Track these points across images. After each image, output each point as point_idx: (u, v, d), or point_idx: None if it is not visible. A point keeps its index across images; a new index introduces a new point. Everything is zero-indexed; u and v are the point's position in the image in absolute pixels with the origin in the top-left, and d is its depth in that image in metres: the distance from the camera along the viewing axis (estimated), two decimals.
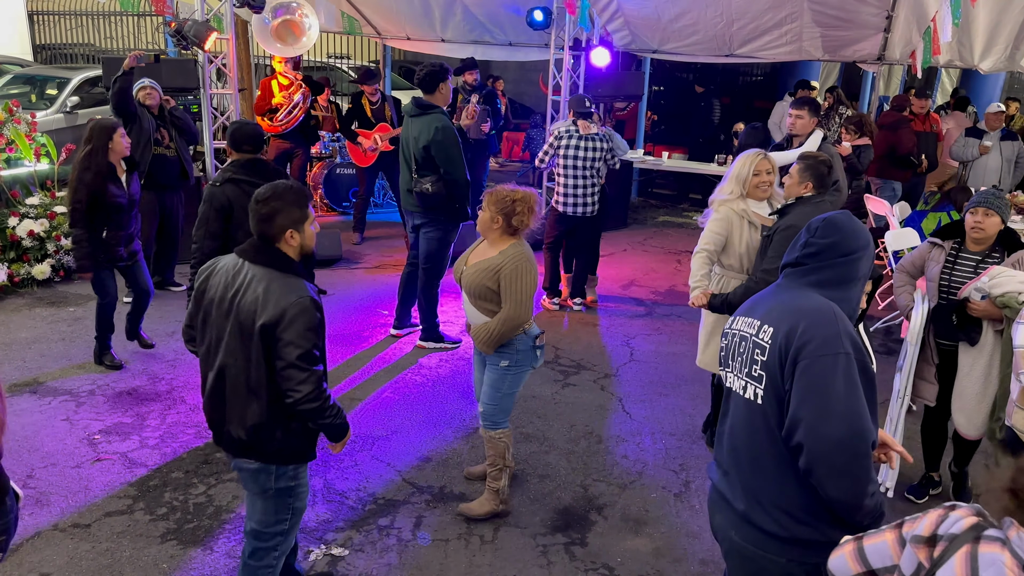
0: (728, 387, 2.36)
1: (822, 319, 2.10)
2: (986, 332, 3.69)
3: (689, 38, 8.61)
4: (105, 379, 5.18)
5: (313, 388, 2.69)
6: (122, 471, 4.17)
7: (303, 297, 2.68)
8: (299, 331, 2.64)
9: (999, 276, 3.49)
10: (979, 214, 3.70)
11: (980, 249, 3.78)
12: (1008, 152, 8.53)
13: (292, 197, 2.77)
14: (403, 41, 10.64)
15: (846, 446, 1.99)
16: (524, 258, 3.57)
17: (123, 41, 15.71)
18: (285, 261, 2.77)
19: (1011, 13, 7.04)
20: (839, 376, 2.02)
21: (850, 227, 2.25)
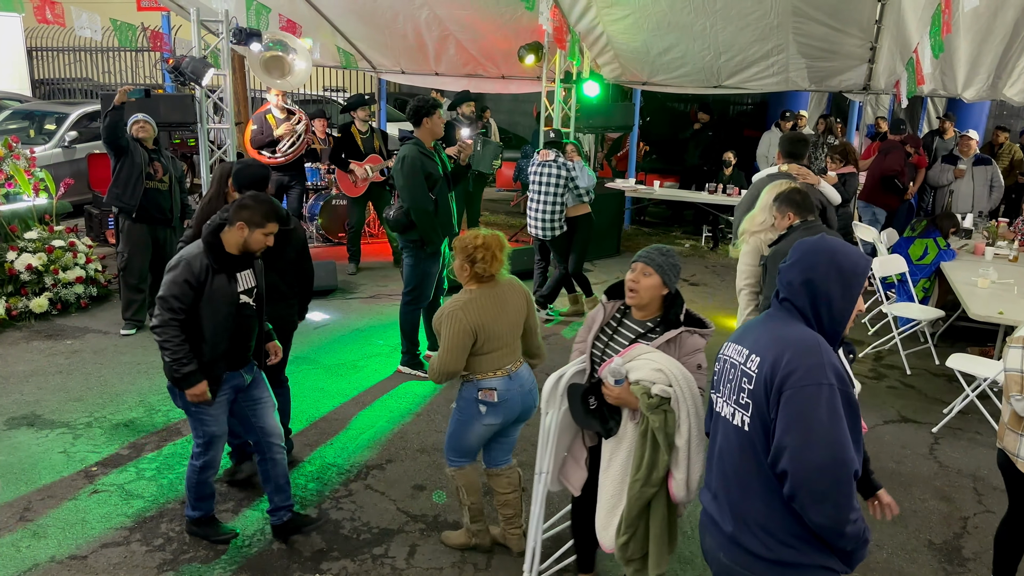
0: (717, 412, 2.40)
1: (806, 350, 2.13)
2: (626, 424, 2.96)
3: (678, 70, 8.78)
4: (102, 411, 5.22)
5: (157, 324, 3.48)
6: (119, 503, 4.20)
7: (182, 259, 3.47)
8: (166, 280, 3.48)
9: (639, 357, 2.89)
10: (636, 271, 3.01)
11: (643, 317, 3.06)
12: (983, 177, 8.68)
13: (264, 209, 3.52)
14: (398, 75, 10.81)
15: (828, 473, 2.04)
16: (460, 306, 3.44)
17: (121, 76, 15.91)
18: (210, 235, 3.50)
19: (991, 43, 7.21)
20: (822, 406, 2.06)
21: (816, 244, 2.24)
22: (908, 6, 6.78)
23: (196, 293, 3.46)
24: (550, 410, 3.20)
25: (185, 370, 3.48)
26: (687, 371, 2.83)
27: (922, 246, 6.88)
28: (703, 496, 2.51)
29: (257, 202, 3.54)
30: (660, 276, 2.97)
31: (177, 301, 3.44)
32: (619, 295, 3.15)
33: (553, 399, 3.18)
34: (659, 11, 7.71)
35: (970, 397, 5.40)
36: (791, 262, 2.27)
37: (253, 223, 3.49)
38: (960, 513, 4.43)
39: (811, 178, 5.44)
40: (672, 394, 2.80)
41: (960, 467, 4.93)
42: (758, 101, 14.91)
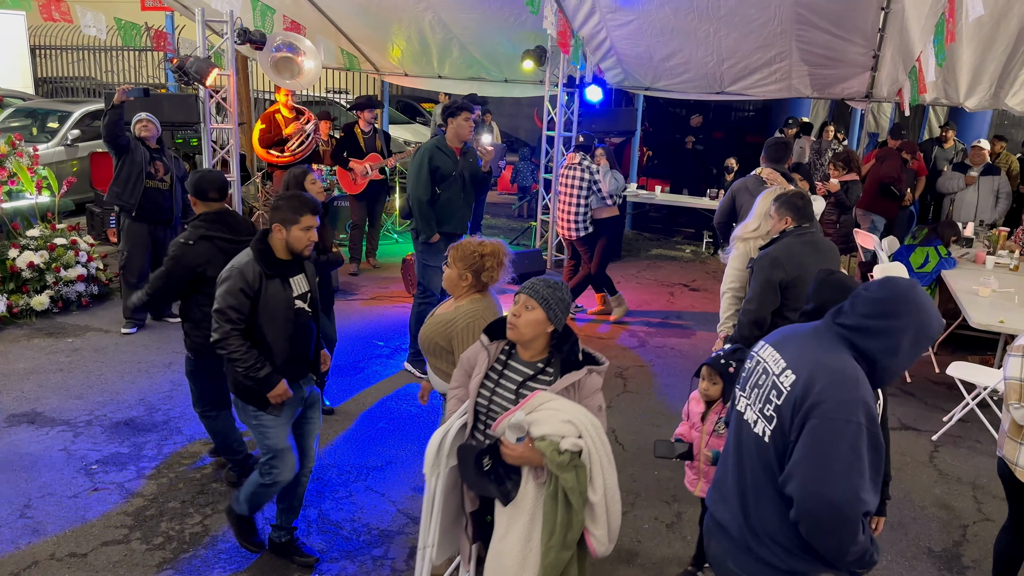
0: (739, 410, 2.36)
1: (843, 382, 2.05)
2: (527, 482, 2.56)
3: (681, 76, 8.79)
4: (103, 409, 5.22)
5: (219, 338, 3.39)
6: (119, 501, 4.20)
7: (234, 268, 3.40)
8: (220, 292, 3.38)
9: (541, 408, 2.52)
10: (518, 303, 2.62)
11: (531, 357, 2.68)
12: (988, 187, 8.71)
13: (293, 203, 3.43)
14: (401, 77, 10.83)
15: (836, 510, 1.99)
16: (479, 315, 3.29)
17: (124, 75, 15.93)
18: (257, 241, 3.44)
19: (994, 53, 7.21)
20: (845, 443, 1.99)
21: (908, 291, 2.10)
22: (911, 15, 6.79)
23: (252, 302, 3.38)
24: (433, 474, 2.75)
25: (262, 373, 3.40)
26: (594, 417, 2.54)
27: (923, 254, 6.89)
28: (711, 497, 2.46)
29: (286, 200, 3.45)
30: (544, 311, 2.60)
31: (235, 311, 3.36)
32: (501, 334, 2.76)
33: (437, 461, 2.74)
34: (663, 17, 7.72)
35: (970, 405, 5.40)
36: (876, 297, 2.12)
37: (287, 221, 3.41)
38: (960, 521, 4.43)
39: (779, 183, 5.50)
40: (584, 447, 2.48)
41: (960, 475, 4.94)
42: (759, 107, 14.94)
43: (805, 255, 4.06)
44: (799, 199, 4.26)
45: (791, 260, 4.05)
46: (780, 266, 4.05)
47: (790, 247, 4.13)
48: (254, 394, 3.45)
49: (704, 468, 3.49)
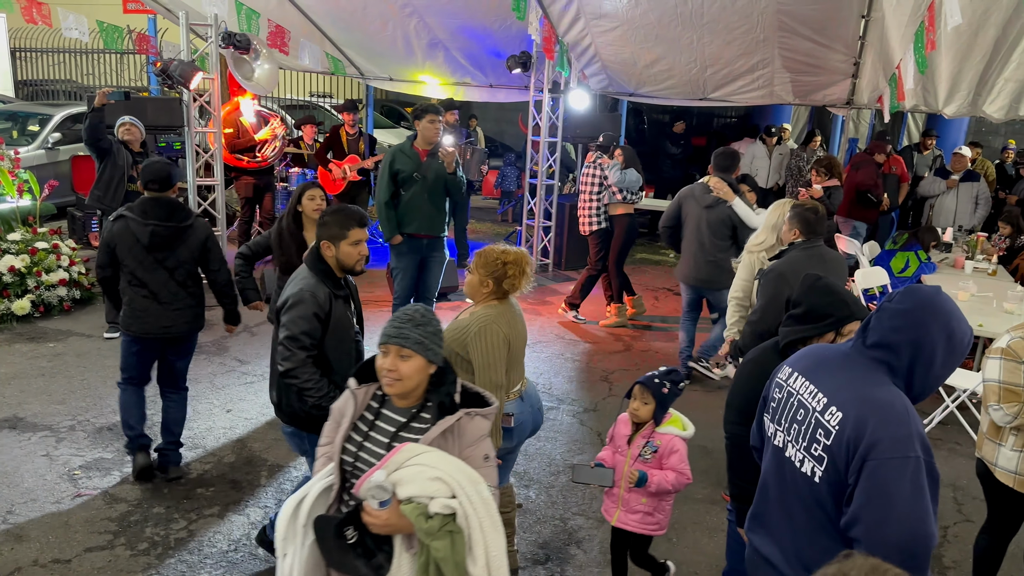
0: (776, 444, 2.26)
1: (895, 418, 1.98)
2: (400, 555, 2.19)
3: (664, 82, 8.85)
4: (85, 415, 5.18)
5: (293, 367, 3.21)
6: (102, 507, 4.17)
7: (304, 291, 3.23)
8: (291, 317, 3.21)
9: (408, 464, 2.14)
10: (390, 354, 2.26)
11: (408, 404, 2.34)
12: (968, 192, 8.85)
13: (339, 217, 3.33)
14: (385, 81, 10.84)
15: (905, 551, 1.91)
16: (492, 320, 3.28)
17: (106, 78, 15.79)
18: (315, 262, 3.32)
19: (972, 61, 7.33)
20: (907, 480, 1.92)
21: (934, 300, 2.02)
22: (891, 23, 6.89)
23: (323, 325, 3.26)
24: (288, 550, 2.30)
25: (327, 403, 3.17)
26: (473, 471, 2.15)
27: (903, 259, 6.99)
28: (755, 533, 2.36)
29: (332, 215, 3.34)
30: (422, 355, 2.26)
31: (309, 338, 3.21)
32: (372, 376, 2.38)
33: (292, 534, 2.29)
34: (647, 24, 7.78)
35: (950, 408, 5.48)
36: (901, 309, 2.04)
37: (335, 237, 3.29)
38: (940, 522, 4.47)
39: (724, 193, 5.59)
40: (458, 508, 2.09)
41: (941, 478, 5.00)
42: (742, 114, 15.06)
43: (811, 270, 4.05)
44: (811, 213, 4.28)
45: (797, 276, 4.01)
46: (787, 282, 4.05)
47: (796, 262, 4.15)
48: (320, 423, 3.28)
49: (625, 495, 3.36)
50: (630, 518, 3.37)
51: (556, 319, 7.68)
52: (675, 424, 3.41)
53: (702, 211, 5.79)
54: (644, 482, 3.26)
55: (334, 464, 2.34)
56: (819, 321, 2.68)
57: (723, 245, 5.78)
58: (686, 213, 5.89)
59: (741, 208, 5.68)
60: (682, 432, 3.38)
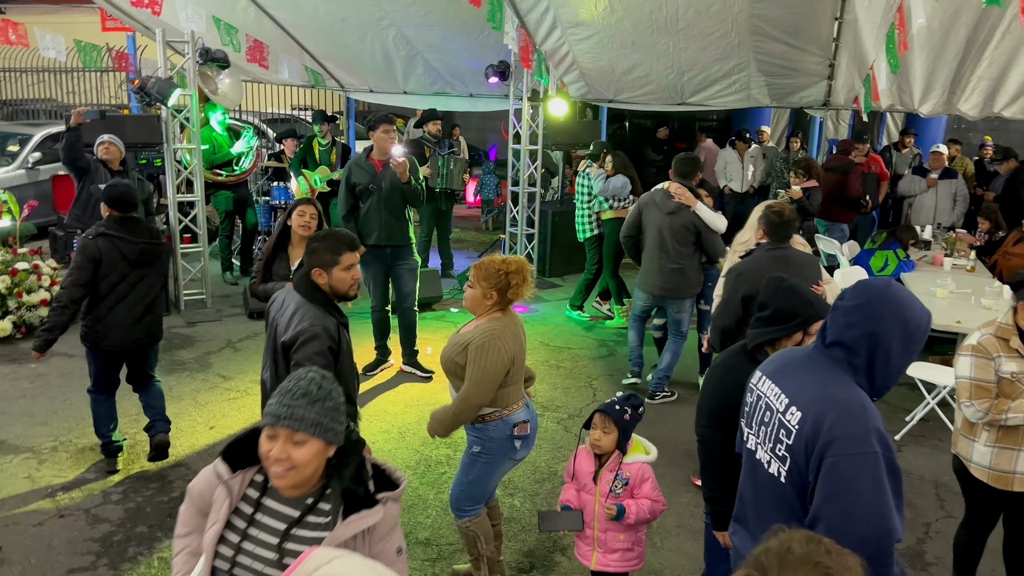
0: (750, 449, 2.30)
1: (852, 415, 2.00)
2: None
3: (643, 88, 8.90)
4: (68, 435, 5.16)
5: None
6: (85, 527, 4.15)
7: (315, 325, 3.10)
8: (307, 354, 3.06)
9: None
10: (280, 440, 1.88)
11: (298, 494, 1.95)
12: (947, 190, 8.94)
13: (329, 243, 3.21)
14: (366, 93, 10.85)
15: (868, 546, 1.92)
16: (497, 335, 3.25)
17: (86, 97, 15.76)
18: (314, 292, 3.20)
19: (945, 60, 7.40)
20: (866, 476, 1.95)
21: (884, 292, 2.05)
22: (864, 25, 6.96)
23: (336, 357, 3.15)
24: None
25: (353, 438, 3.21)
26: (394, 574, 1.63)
27: (882, 258, 7.04)
28: (736, 535, 2.39)
29: (322, 240, 3.23)
30: (321, 437, 1.88)
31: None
32: (247, 460, 1.96)
33: None
34: (623, 31, 7.83)
35: (931, 405, 5.52)
36: (853, 305, 2.07)
37: (326, 264, 3.19)
38: (923, 519, 4.53)
39: (686, 198, 5.61)
40: None
41: (923, 473, 5.04)
42: (723, 117, 15.14)
43: (771, 270, 4.10)
44: (776, 216, 4.35)
45: (755, 274, 4.12)
46: (744, 280, 4.14)
47: (757, 261, 4.26)
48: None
49: (601, 536, 3.19)
50: (610, 558, 3.21)
51: (540, 326, 7.70)
52: (638, 450, 3.28)
53: (664, 218, 5.70)
54: (622, 515, 3.11)
55: (203, 566, 1.91)
56: (786, 322, 2.71)
57: (687, 252, 5.70)
58: (647, 221, 5.80)
59: (704, 212, 5.67)
60: (647, 457, 3.26)
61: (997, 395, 3.28)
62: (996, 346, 3.30)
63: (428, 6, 7.95)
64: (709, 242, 5.68)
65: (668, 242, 5.70)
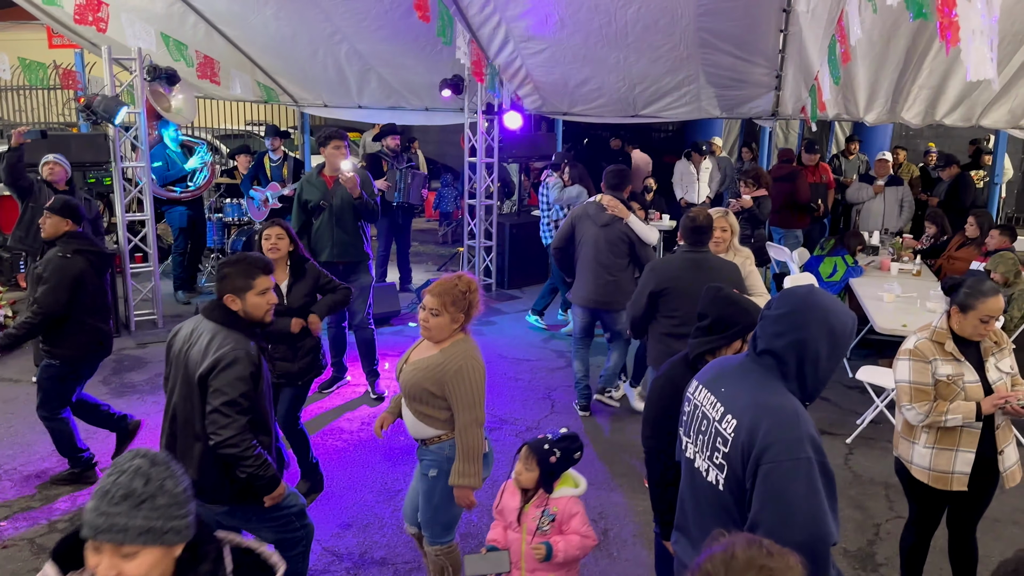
0: (688, 457, 2.33)
1: (784, 421, 2.04)
2: None
3: (595, 101, 8.99)
4: (12, 463, 5.03)
5: (234, 434, 2.91)
6: (29, 557, 4.04)
7: (236, 349, 2.95)
8: (227, 380, 2.91)
9: None
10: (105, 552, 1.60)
11: None
12: (893, 196, 9.17)
13: (242, 267, 3.08)
14: (320, 108, 10.80)
15: (807, 550, 1.93)
16: (470, 355, 3.24)
17: (34, 114, 15.44)
18: (230, 317, 3.06)
19: (887, 70, 7.60)
20: (800, 481, 1.99)
21: (806, 299, 2.11)
22: (808, 36, 7.11)
23: (255, 384, 3.01)
24: None
25: (270, 472, 3.03)
26: None
27: (831, 264, 7.18)
28: (679, 544, 2.41)
29: (233, 265, 3.10)
30: (158, 545, 1.62)
31: (247, 400, 2.96)
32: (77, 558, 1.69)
33: None
34: (574, 45, 7.90)
35: (879, 407, 5.63)
36: (778, 314, 2.13)
37: (239, 289, 3.06)
38: (873, 520, 4.60)
39: (619, 211, 5.71)
40: None
41: (873, 475, 5.13)
42: (677, 127, 15.35)
43: (681, 270, 4.49)
44: (689, 220, 4.58)
45: (665, 272, 4.53)
46: (655, 275, 4.55)
47: (669, 261, 4.60)
48: (253, 493, 3.08)
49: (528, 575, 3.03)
50: None
51: (498, 338, 7.71)
52: (567, 483, 3.12)
53: (599, 230, 5.72)
54: (551, 555, 2.98)
55: None
56: (725, 331, 2.76)
57: (621, 263, 5.73)
58: (581, 233, 5.82)
59: (636, 224, 5.74)
60: (576, 491, 3.12)
61: (936, 397, 3.35)
62: (932, 349, 3.37)
63: (379, 21, 7.94)
64: (641, 254, 5.74)
65: (603, 254, 5.71)
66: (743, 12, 7.05)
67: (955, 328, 3.36)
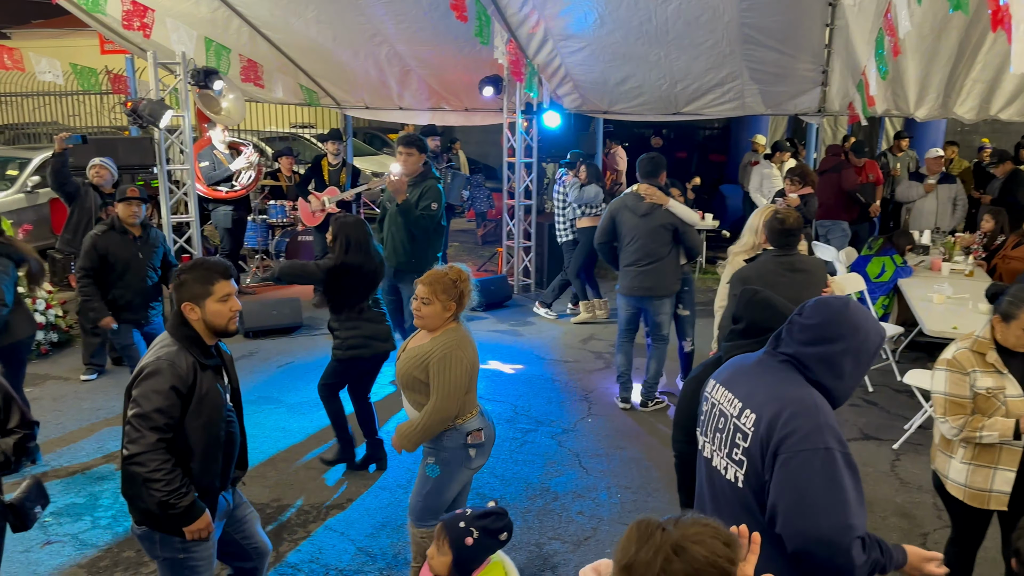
0: (706, 457, 2.31)
1: (804, 410, 2.02)
2: None
3: (636, 99, 8.89)
4: (59, 460, 5.15)
5: (140, 451, 2.65)
6: (72, 553, 4.13)
7: (160, 359, 2.73)
8: (143, 391, 2.69)
9: None
10: None
11: None
12: (946, 194, 8.88)
13: (198, 273, 2.86)
14: (362, 110, 10.88)
15: (823, 541, 1.94)
16: (456, 345, 3.29)
17: (87, 119, 15.89)
18: (176, 327, 2.84)
19: (938, 64, 7.37)
20: (819, 472, 1.96)
21: (841, 313, 2.08)
22: (855, 30, 6.94)
23: (184, 401, 2.74)
24: None
25: (185, 502, 2.71)
26: None
27: (880, 264, 6.98)
28: None
29: (190, 271, 2.88)
30: None
31: (164, 416, 2.68)
32: None
33: None
34: (613, 42, 7.82)
35: (928, 412, 5.45)
36: (810, 323, 2.10)
37: (197, 297, 2.83)
38: (920, 529, 4.45)
39: (657, 197, 5.63)
40: None
41: (921, 483, 4.96)
42: (723, 125, 15.13)
43: (774, 275, 4.15)
44: (777, 222, 4.31)
45: (761, 280, 4.06)
46: (742, 285, 4.06)
47: (763, 266, 4.23)
48: (174, 523, 2.78)
49: None
50: None
51: (535, 339, 7.67)
52: (496, 573, 2.63)
53: (639, 220, 5.71)
54: None
55: None
56: (761, 335, 2.67)
57: (663, 251, 5.71)
58: (621, 225, 5.82)
59: (678, 208, 5.71)
60: None
61: (973, 411, 3.18)
62: (972, 360, 3.19)
63: (418, 22, 7.96)
64: (687, 236, 5.71)
65: (646, 243, 5.71)
66: (787, 6, 6.91)
67: (998, 338, 3.17)
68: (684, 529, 1.52)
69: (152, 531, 2.82)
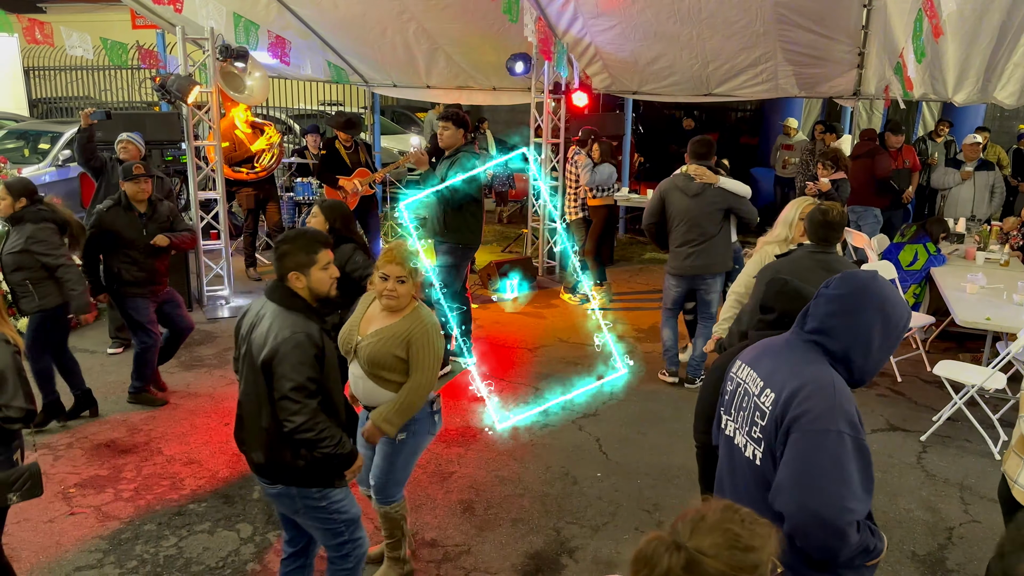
0: (728, 435, 2.31)
1: (820, 390, 2.01)
2: None
3: (667, 79, 8.76)
4: (84, 432, 5.22)
5: (306, 419, 2.86)
6: (95, 525, 4.18)
7: (297, 333, 2.87)
8: (292, 364, 2.84)
9: None
10: None
11: None
12: (983, 181, 8.65)
13: (302, 243, 2.99)
14: (389, 88, 10.84)
15: (821, 522, 1.96)
16: (432, 323, 3.38)
17: (119, 94, 16.00)
18: (290, 299, 2.98)
19: (978, 47, 7.16)
20: (827, 453, 1.96)
21: (868, 285, 2.06)
22: (894, 11, 6.75)
23: (321, 365, 2.94)
24: None
25: (346, 449, 2.98)
26: None
27: (912, 251, 6.83)
28: None
29: (293, 242, 3.01)
30: None
31: (314, 383, 2.89)
32: None
33: None
34: (645, 21, 7.70)
35: (957, 404, 5.33)
36: (836, 294, 2.08)
37: (302, 265, 2.97)
38: (945, 523, 4.37)
39: (708, 177, 5.65)
40: None
41: (947, 476, 4.87)
42: (755, 107, 14.86)
43: (809, 273, 3.76)
44: (820, 214, 4.03)
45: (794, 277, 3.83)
46: None
47: (797, 263, 3.91)
48: (325, 474, 3.03)
49: None
50: None
51: (557, 322, 7.62)
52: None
53: (690, 201, 5.71)
54: None
55: None
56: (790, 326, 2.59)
57: (715, 229, 5.74)
58: (672, 206, 5.81)
59: (729, 183, 5.71)
60: None
61: None
62: None
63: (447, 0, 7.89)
64: (741, 208, 5.74)
65: (698, 223, 5.74)
66: None
67: None
68: (700, 540, 1.48)
69: (290, 488, 3.02)
